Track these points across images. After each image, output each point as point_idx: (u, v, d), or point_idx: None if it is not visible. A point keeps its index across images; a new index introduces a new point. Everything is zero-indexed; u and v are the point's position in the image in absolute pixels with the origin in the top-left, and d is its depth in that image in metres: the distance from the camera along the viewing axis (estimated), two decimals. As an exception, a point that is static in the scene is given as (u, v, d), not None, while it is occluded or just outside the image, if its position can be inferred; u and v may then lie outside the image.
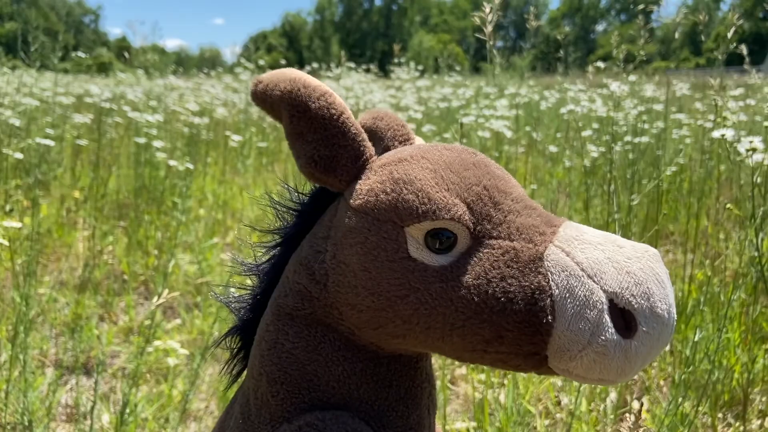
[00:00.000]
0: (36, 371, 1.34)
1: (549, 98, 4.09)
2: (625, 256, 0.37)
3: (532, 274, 0.38)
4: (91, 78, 7.20)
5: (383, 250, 0.40)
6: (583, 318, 0.36)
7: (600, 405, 1.22)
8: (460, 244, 0.40)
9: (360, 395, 0.43)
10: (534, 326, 0.37)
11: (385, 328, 0.41)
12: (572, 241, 0.38)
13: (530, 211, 0.41)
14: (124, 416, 0.95)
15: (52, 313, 1.61)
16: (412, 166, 0.42)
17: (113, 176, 2.77)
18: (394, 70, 5.71)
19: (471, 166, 0.42)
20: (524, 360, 0.38)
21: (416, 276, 0.39)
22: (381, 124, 0.51)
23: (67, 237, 2.16)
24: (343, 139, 0.43)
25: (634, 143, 2.15)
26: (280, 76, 0.43)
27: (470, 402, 1.28)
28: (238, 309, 0.50)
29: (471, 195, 0.40)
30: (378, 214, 0.41)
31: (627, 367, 0.36)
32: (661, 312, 0.36)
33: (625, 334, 0.36)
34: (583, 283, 0.36)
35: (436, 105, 3.81)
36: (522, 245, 0.39)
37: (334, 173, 0.43)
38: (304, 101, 0.42)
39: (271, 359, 0.45)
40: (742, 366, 1.23)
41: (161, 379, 1.37)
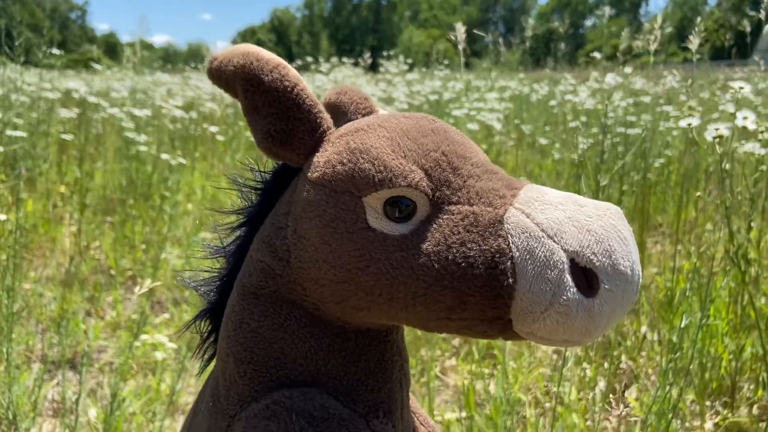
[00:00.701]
0: (22, 366, 1.32)
1: (539, 90, 4.10)
2: (586, 215, 0.36)
3: (491, 238, 0.37)
4: (78, 74, 7.14)
5: (342, 222, 0.40)
6: (544, 279, 0.35)
7: (589, 393, 1.22)
8: (419, 212, 0.39)
9: (328, 371, 0.43)
10: (495, 290, 0.36)
11: (348, 301, 0.41)
12: (533, 203, 0.38)
13: (491, 175, 0.40)
14: (111, 409, 0.94)
15: (38, 308, 1.59)
16: (368, 135, 0.41)
17: (100, 171, 2.75)
18: (383, 64, 5.70)
19: (429, 132, 0.41)
20: (489, 325, 0.38)
21: (376, 246, 0.39)
22: (344, 98, 0.51)
23: (53, 232, 2.14)
24: (298, 112, 0.42)
25: (622, 135, 2.16)
26: (234, 51, 0.43)
27: (460, 392, 1.28)
28: (206, 292, 0.50)
29: (429, 161, 0.40)
30: (335, 186, 0.40)
31: (591, 327, 0.35)
32: (623, 269, 0.35)
33: (588, 293, 0.35)
34: (544, 243, 0.36)
35: (425, 98, 3.80)
36: (482, 209, 0.38)
37: (291, 147, 0.43)
38: (257, 74, 0.41)
39: (237, 339, 0.44)
40: (730, 354, 1.24)
41: (149, 373, 1.36)
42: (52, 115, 3.18)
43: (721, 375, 1.24)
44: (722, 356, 1.25)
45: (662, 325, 1.41)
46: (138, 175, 2.45)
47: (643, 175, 2.10)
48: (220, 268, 0.49)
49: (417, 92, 3.97)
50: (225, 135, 3.50)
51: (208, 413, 0.46)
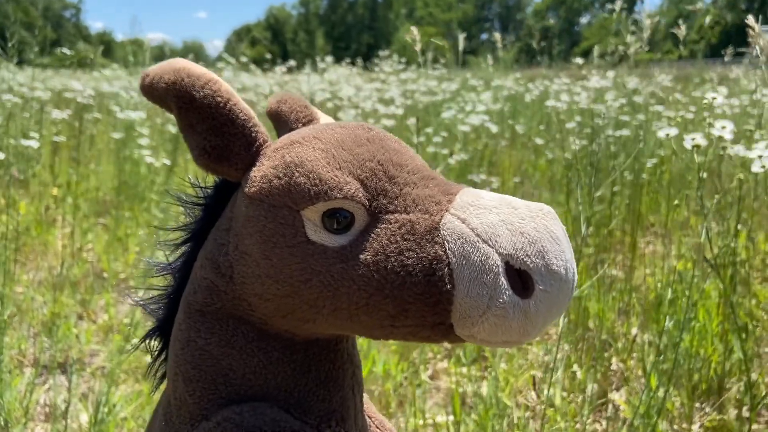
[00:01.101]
0: (14, 371, 1.32)
1: (533, 90, 4.11)
2: (519, 217, 0.37)
3: (428, 245, 0.38)
4: (73, 73, 7.11)
5: (281, 236, 0.40)
6: (481, 283, 0.36)
7: (578, 396, 1.23)
8: (357, 223, 0.39)
9: (278, 384, 0.43)
10: (435, 296, 0.37)
11: (293, 314, 0.41)
12: (467, 208, 0.38)
13: (427, 182, 0.41)
14: (100, 415, 0.94)
15: (30, 312, 1.59)
16: (303, 148, 0.41)
17: (93, 173, 2.74)
18: (378, 63, 5.70)
19: (365, 142, 0.42)
20: (431, 331, 0.38)
21: (316, 259, 0.39)
22: (284, 107, 0.51)
23: (46, 235, 2.14)
24: (233, 127, 0.42)
25: (615, 136, 2.17)
26: (165, 67, 0.42)
27: (451, 395, 1.28)
28: (154, 310, 0.49)
29: (365, 171, 0.40)
30: (272, 200, 0.40)
31: (529, 327, 0.36)
32: (557, 269, 0.36)
33: (523, 294, 0.36)
34: (478, 248, 0.37)
35: (419, 99, 3.80)
36: (418, 217, 0.39)
37: (227, 162, 0.43)
38: (189, 91, 0.41)
39: (185, 358, 0.44)
40: (719, 356, 1.25)
41: (140, 378, 1.36)
42: (44, 116, 3.17)
43: (710, 376, 1.24)
44: (711, 358, 1.26)
45: (652, 326, 1.42)
46: (131, 176, 2.45)
47: (636, 175, 2.11)
48: (167, 285, 0.49)
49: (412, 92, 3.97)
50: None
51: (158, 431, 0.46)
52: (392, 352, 1.40)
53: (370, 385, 1.29)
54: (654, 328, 1.40)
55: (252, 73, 5.73)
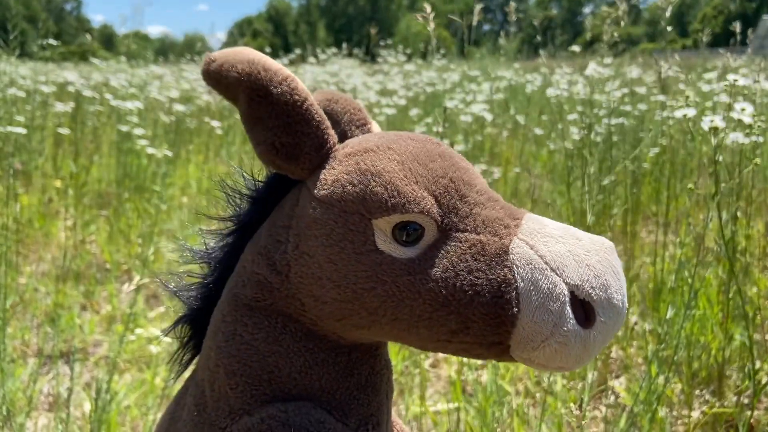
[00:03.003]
0: (18, 360, 1.33)
1: (534, 81, 4.09)
2: (584, 249, 0.38)
3: (498, 267, 0.38)
4: (75, 66, 7.11)
5: (350, 242, 0.40)
6: (547, 310, 0.37)
7: (578, 383, 1.23)
8: (427, 237, 0.40)
9: (322, 385, 0.43)
10: (500, 318, 0.38)
11: (349, 319, 0.41)
12: (535, 234, 0.39)
13: (494, 204, 0.41)
14: (101, 403, 0.95)
15: (33, 302, 1.60)
16: (379, 156, 0.41)
17: (95, 165, 2.75)
18: (381, 54, 5.68)
19: (437, 157, 0.42)
20: (487, 349, 0.39)
21: (384, 268, 0.39)
22: (336, 107, 0.50)
23: (48, 226, 2.15)
24: (307, 127, 0.42)
25: (616, 125, 2.16)
26: (237, 56, 0.41)
27: (451, 384, 1.29)
28: (188, 298, 0.48)
29: (438, 187, 0.41)
30: (345, 206, 0.40)
31: (585, 355, 0.38)
32: (616, 302, 0.37)
33: (585, 324, 0.37)
34: (547, 275, 0.38)
35: (422, 89, 3.79)
36: (488, 238, 0.39)
37: (296, 161, 0.42)
38: (265, 85, 0.40)
39: (229, 351, 0.44)
40: (719, 343, 1.25)
41: (144, 367, 1.37)
42: (48, 109, 3.17)
43: (710, 364, 1.25)
44: (711, 345, 1.26)
45: (653, 314, 1.42)
46: (133, 168, 2.46)
47: (637, 164, 2.11)
48: (205, 275, 0.48)
49: (414, 84, 3.96)
50: (222, 127, 3.50)
51: (192, 423, 0.45)
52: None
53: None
54: (654, 316, 1.41)
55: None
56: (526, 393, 1.25)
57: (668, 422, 1.10)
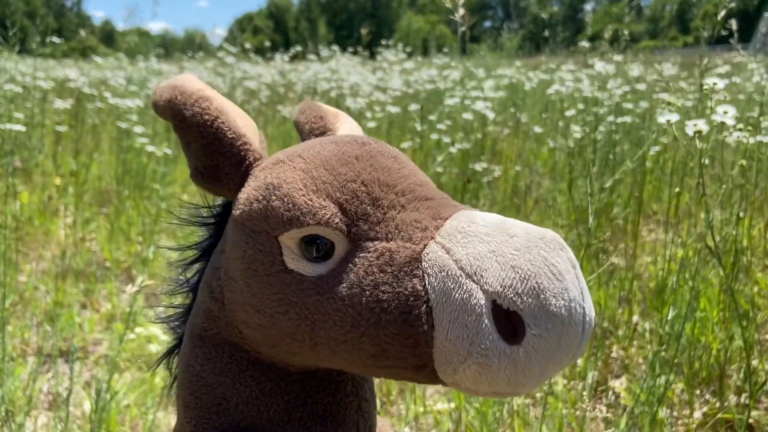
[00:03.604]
0: (17, 359, 1.33)
1: (534, 78, 4.08)
2: (514, 248, 0.32)
3: (406, 278, 0.33)
4: (75, 62, 7.10)
5: (261, 264, 0.37)
6: (462, 325, 0.31)
7: (579, 384, 1.23)
8: (338, 250, 0.36)
9: (271, 416, 0.41)
10: (413, 337, 0.33)
11: (279, 346, 0.38)
12: (455, 235, 0.33)
13: (418, 204, 0.36)
14: (102, 402, 0.95)
15: (33, 301, 1.60)
16: (284, 168, 0.38)
17: (95, 163, 2.75)
18: (380, 52, 5.67)
19: (352, 159, 0.38)
20: (415, 373, 0.35)
21: (293, 289, 0.36)
22: (302, 118, 0.48)
23: (48, 224, 2.14)
24: (220, 146, 0.40)
25: (617, 123, 2.15)
26: (165, 84, 0.41)
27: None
28: (173, 327, 0.48)
29: (345, 193, 0.36)
30: (252, 225, 0.38)
31: (521, 377, 0.31)
32: (556, 310, 0.31)
33: (512, 340, 0.31)
34: (461, 284, 0.32)
35: (422, 87, 3.78)
36: (398, 245, 0.34)
37: (219, 182, 0.41)
38: (180, 109, 0.40)
39: (184, 383, 0.43)
40: (720, 343, 1.25)
41: (143, 366, 1.36)
42: (47, 106, 3.17)
43: (710, 364, 1.24)
44: (712, 345, 1.26)
45: (654, 314, 1.42)
46: (133, 166, 2.45)
47: (638, 162, 2.10)
48: (186, 303, 0.47)
49: (414, 81, 3.95)
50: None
51: None
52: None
53: (371, 373, 1.30)
54: (655, 316, 1.40)
55: (253, 61, 5.71)
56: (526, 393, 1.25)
57: (669, 423, 1.10)
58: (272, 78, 4.66)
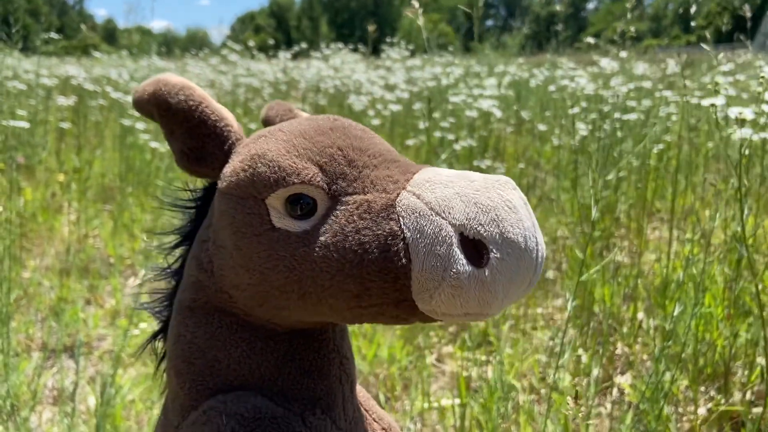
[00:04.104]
0: (22, 354, 1.33)
1: (538, 76, 4.08)
2: (474, 189, 0.37)
3: (384, 222, 0.38)
4: (77, 60, 7.10)
5: (249, 226, 0.41)
6: (435, 255, 0.36)
7: (583, 380, 1.23)
8: (320, 208, 0.40)
9: (262, 373, 0.45)
10: (392, 272, 0.37)
11: (268, 302, 0.42)
12: (423, 184, 0.39)
13: (388, 164, 0.42)
14: (107, 397, 0.95)
15: (37, 296, 1.60)
16: (267, 140, 0.43)
17: (98, 159, 2.75)
18: (385, 50, 5.67)
19: (327, 130, 0.43)
20: (396, 308, 0.38)
21: (281, 244, 0.40)
22: (271, 113, 0.54)
23: (52, 221, 2.15)
24: (205, 128, 0.45)
25: (622, 121, 2.15)
26: (148, 81, 0.45)
27: (456, 379, 1.29)
28: (158, 312, 0.51)
29: (324, 157, 0.41)
30: (240, 192, 0.42)
31: (488, 297, 0.36)
32: (513, 237, 0.36)
33: (479, 263, 0.36)
34: (432, 220, 0.37)
35: (425, 84, 3.78)
36: (375, 196, 0.39)
37: (204, 162, 0.45)
38: (165, 99, 0.44)
39: (176, 352, 0.46)
40: (725, 340, 1.25)
41: (147, 362, 1.37)
42: (50, 103, 3.17)
43: (715, 361, 1.24)
44: (717, 342, 1.26)
45: (658, 311, 1.42)
46: (136, 162, 2.45)
47: (642, 160, 2.10)
48: (168, 288, 0.51)
49: (416, 78, 3.95)
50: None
51: (160, 426, 0.48)
52: (397, 337, 1.40)
53: (376, 369, 1.30)
54: (659, 313, 1.40)
55: (256, 59, 5.71)
56: (530, 389, 1.25)
57: (674, 419, 1.10)
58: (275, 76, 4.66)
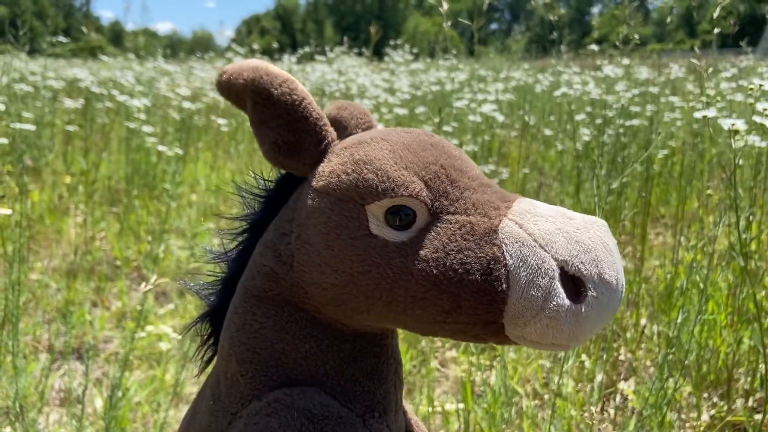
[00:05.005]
0: (29, 356, 1.35)
1: (543, 81, 4.08)
2: (575, 227, 0.39)
3: (487, 246, 0.39)
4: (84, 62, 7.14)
5: (345, 228, 0.42)
6: (536, 285, 0.38)
7: (587, 386, 1.23)
8: (419, 221, 0.41)
9: (326, 371, 0.45)
10: (490, 295, 0.39)
11: (348, 304, 0.43)
12: (525, 214, 0.40)
13: (485, 188, 0.43)
14: (114, 399, 0.96)
15: (44, 298, 1.61)
16: (372, 147, 0.44)
17: (105, 162, 2.76)
18: (389, 53, 5.68)
19: (428, 146, 0.44)
20: (482, 329, 0.40)
21: (377, 251, 0.41)
22: (344, 113, 0.53)
23: (59, 223, 2.16)
24: (306, 124, 0.45)
25: (626, 126, 2.15)
26: (243, 65, 0.44)
27: (460, 384, 1.29)
28: (207, 296, 0.51)
29: (428, 173, 0.42)
30: (340, 194, 0.42)
31: (578, 331, 0.38)
32: (609, 278, 0.38)
33: (576, 299, 0.38)
34: (535, 252, 0.38)
35: (429, 89, 3.79)
36: (477, 219, 0.41)
37: (297, 157, 0.45)
38: (267, 88, 0.43)
39: (240, 339, 0.46)
40: (728, 347, 1.25)
41: (154, 364, 1.38)
42: (57, 105, 3.19)
43: (718, 367, 1.24)
44: (720, 349, 1.26)
45: (661, 317, 1.42)
46: (142, 165, 2.47)
47: (646, 166, 2.10)
48: (222, 273, 0.51)
49: (421, 82, 3.96)
50: (229, 125, 3.51)
51: (209, 412, 0.47)
52: (401, 341, 1.41)
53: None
54: (663, 319, 1.41)
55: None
56: (534, 394, 1.25)
57: (677, 426, 1.10)
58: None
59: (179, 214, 2.22)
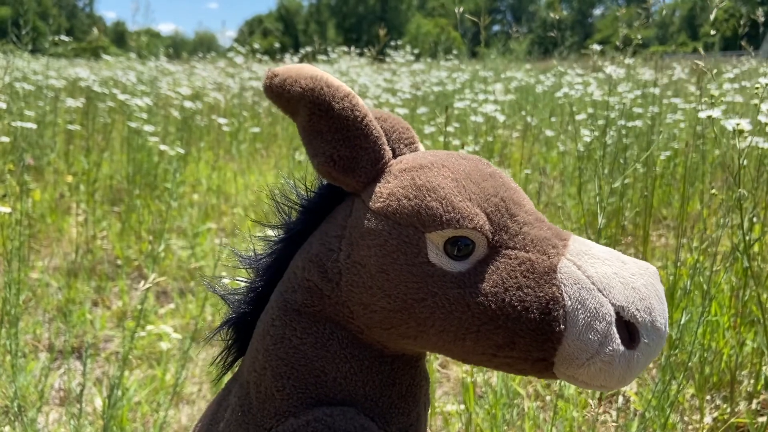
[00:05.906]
0: (29, 355, 1.34)
1: (545, 82, 4.08)
2: (630, 273, 0.40)
3: (546, 285, 0.40)
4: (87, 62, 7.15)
5: (402, 254, 0.41)
6: (593, 329, 0.38)
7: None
8: (477, 252, 0.41)
9: (366, 392, 0.44)
10: (546, 334, 0.39)
11: (397, 329, 0.42)
12: (582, 255, 0.41)
13: (541, 224, 0.43)
14: (113, 399, 0.95)
15: (45, 297, 1.61)
16: (433, 173, 0.43)
17: (106, 161, 2.76)
18: (390, 54, 5.68)
19: (488, 177, 0.44)
20: (531, 365, 0.40)
21: (434, 280, 0.41)
22: (385, 125, 0.50)
23: (60, 222, 2.16)
24: (365, 141, 0.44)
25: (628, 127, 2.15)
26: (300, 72, 0.43)
27: (461, 385, 1.29)
28: (235, 301, 0.50)
29: (490, 205, 0.42)
30: (399, 219, 0.42)
31: (627, 376, 0.39)
32: (659, 326, 0.39)
33: (629, 345, 0.38)
34: (594, 296, 0.39)
35: (430, 89, 3.79)
36: (537, 257, 0.41)
37: (352, 174, 0.44)
38: (328, 100, 0.42)
39: (277, 354, 0.45)
40: (731, 349, 1.24)
41: (154, 363, 1.37)
42: (59, 104, 3.19)
43: (721, 369, 1.24)
44: (723, 351, 1.25)
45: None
46: (144, 165, 2.47)
47: (648, 167, 2.10)
48: (253, 280, 0.49)
49: (422, 82, 3.95)
50: (231, 125, 3.51)
51: (237, 423, 0.46)
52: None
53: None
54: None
55: (264, 63, 5.73)
56: (536, 396, 1.25)
57: (679, 428, 1.10)
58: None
59: (180, 214, 2.22)
